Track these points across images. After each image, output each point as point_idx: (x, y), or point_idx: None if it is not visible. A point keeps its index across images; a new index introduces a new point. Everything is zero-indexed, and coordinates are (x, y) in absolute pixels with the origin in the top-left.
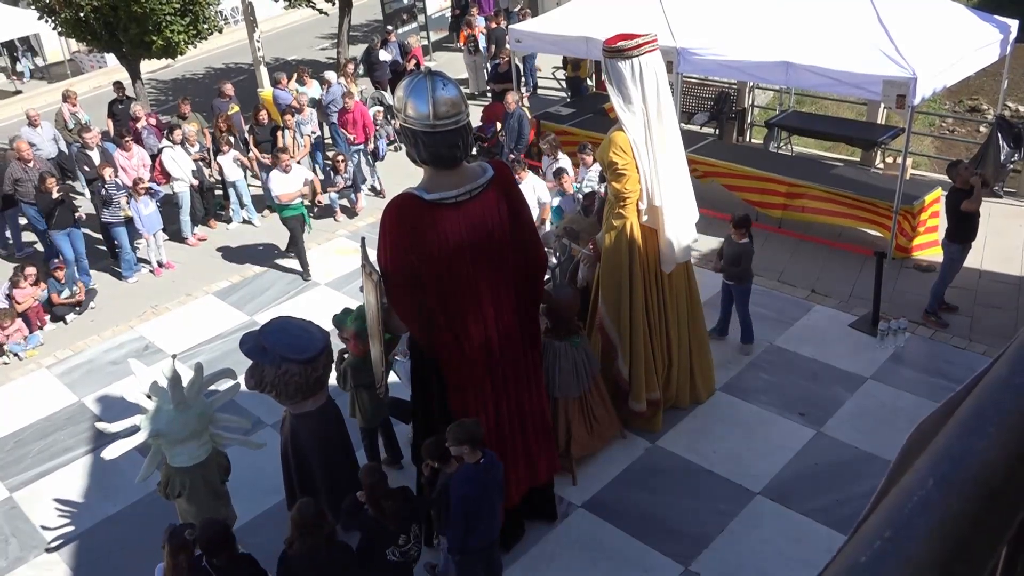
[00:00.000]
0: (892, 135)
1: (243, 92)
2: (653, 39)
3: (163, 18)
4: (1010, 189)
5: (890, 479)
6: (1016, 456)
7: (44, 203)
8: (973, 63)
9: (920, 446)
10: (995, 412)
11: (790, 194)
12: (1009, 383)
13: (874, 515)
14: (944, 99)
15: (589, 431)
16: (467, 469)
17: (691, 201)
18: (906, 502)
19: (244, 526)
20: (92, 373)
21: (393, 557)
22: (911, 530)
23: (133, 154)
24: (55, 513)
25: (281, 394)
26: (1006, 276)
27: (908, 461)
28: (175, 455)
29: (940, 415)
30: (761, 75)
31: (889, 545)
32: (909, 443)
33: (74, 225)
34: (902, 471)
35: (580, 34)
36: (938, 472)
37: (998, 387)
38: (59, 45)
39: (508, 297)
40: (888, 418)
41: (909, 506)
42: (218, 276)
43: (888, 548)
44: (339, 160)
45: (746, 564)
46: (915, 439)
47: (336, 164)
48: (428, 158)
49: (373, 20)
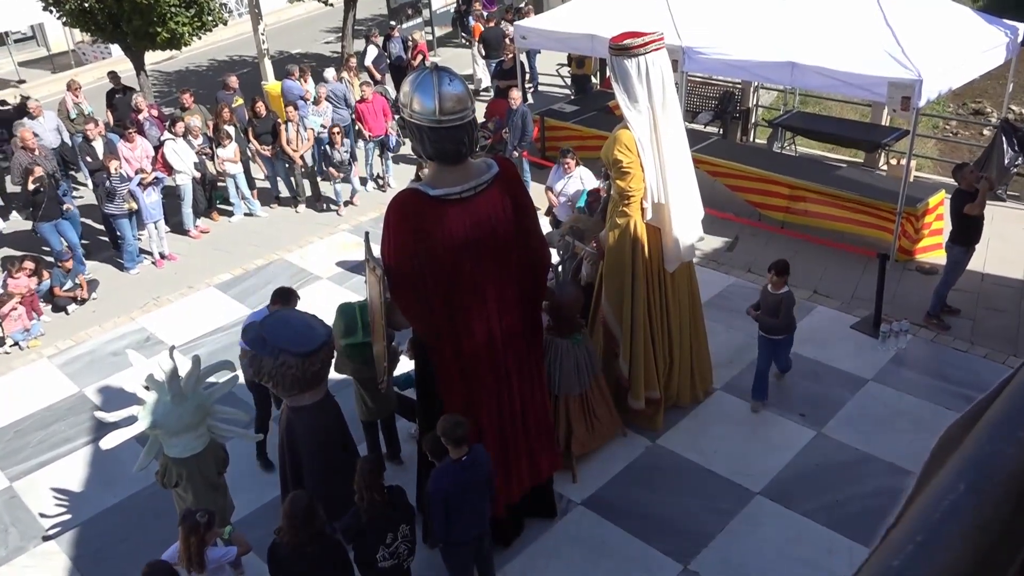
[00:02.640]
0: (896, 137)
1: (247, 85)
2: (660, 37)
3: (167, 10)
4: (1014, 192)
5: (919, 484)
6: None
7: (28, 195)
8: (978, 66)
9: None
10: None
11: (793, 196)
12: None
13: (905, 519)
14: (948, 101)
15: (590, 429)
16: (447, 465)
17: (696, 199)
18: (936, 507)
19: (244, 518)
20: (93, 364)
21: (384, 562)
22: (942, 535)
23: (136, 145)
24: (55, 503)
25: (278, 385)
26: (1009, 279)
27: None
28: (171, 446)
29: (967, 420)
30: (766, 75)
31: (921, 549)
32: (936, 448)
33: (62, 216)
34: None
35: (585, 31)
36: (968, 477)
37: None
38: (63, 35)
39: (511, 294)
40: (889, 420)
41: (940, 511)
42: (220, 268)
43: (920, 552)
44: (335, 132)
45: (746, 563)
46: (942, 444)
47: (332, 137)
48: (433, 154)
49: (378, 15)
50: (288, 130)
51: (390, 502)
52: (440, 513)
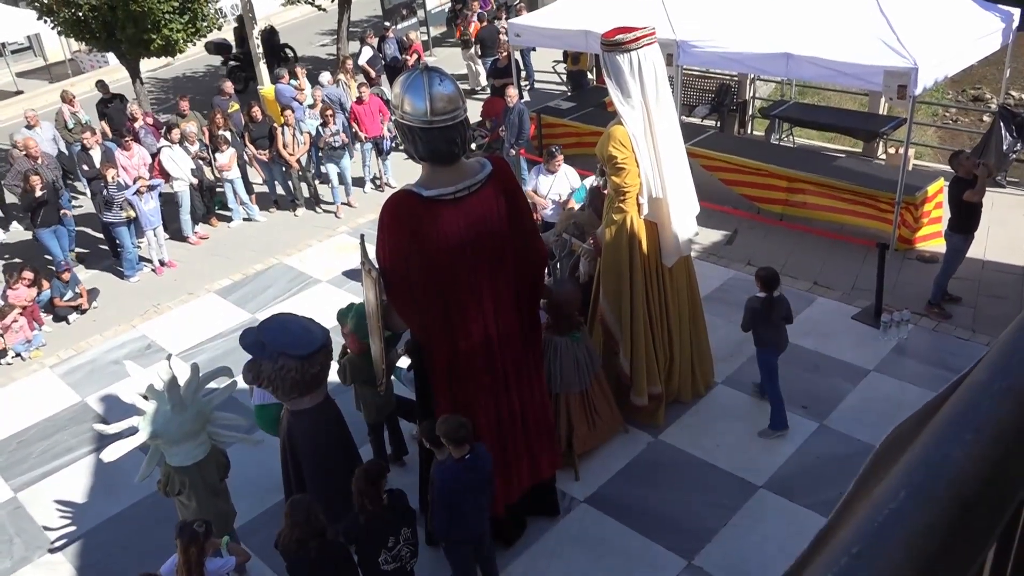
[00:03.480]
0: (894, 125)
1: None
2: (651, 32)
3: (161, 16)
4: (1013, 179)
5: (859, 484)
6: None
7: (27, 202)
8: (975, 52)
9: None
10: (974, 418)
11: (791, 189)
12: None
13: (843, 528)
14: (946, 88)
15: (591, 426)
16: (449, 464)
17: (692, 194)
18: (877, 515)
19: (246, 524)
20: (94, 373)
21: (387, 565)
22: (881, 545)
23: (134, 153)
24: (58, 513)
25: (278, 389)
26: (1009, 266)
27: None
28: (173, 455)
29: (917, 420)
30: (762, 67)
31: (856, 562)
32: (882, 447)
33: (60, 223)
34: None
35: (580, 27)
36: (912, 482)
37: (977, 392)
38: (60, 45)
39: (508, 293)
40: (891, 410)
41: (880, 519)
42: (220, 274)
43: (855, 565)
44: (328, 114)
45: (749, 558)
46: (889, 443)
47: (326, 118)
48: (426, 154)
49: (373, 16)
50: (284, 134)
51: (390, 506)
52: (443, 512)
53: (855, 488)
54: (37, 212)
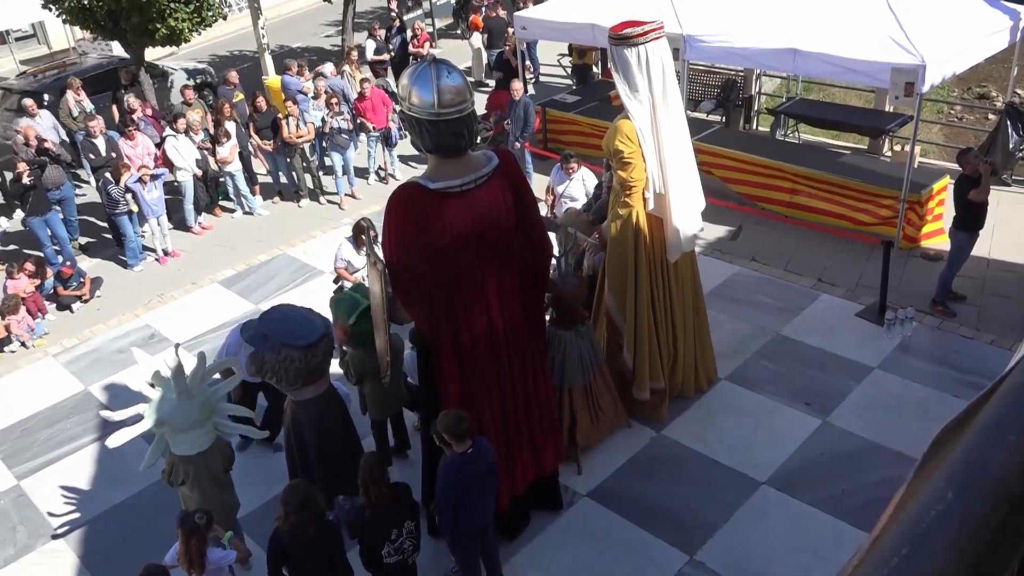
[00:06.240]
0: (900, 123)
1: (248, 80)
2: (660, 26)
3: (167, 6)
4: (1019, 177)
5: (909, 489)
6: None
7: (16, 190)
8: (982, 50)
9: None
10: (1015, 420)
11: (795, 189)
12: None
13: (892, 529)
14: (953, 86)
15: (594, 421)
16: (454, 458)
17: (698, 189)
18: (924, 516)
19: (250, 514)
20: (98, 362)
21: (389, 558)
22: (929, 546)
23: (138, 143)
24: (62, 501)
25: (282, 380)
26: (1014, 265)
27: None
28: (178, 443)
29: (958, 422)
30: (768, 62)
31: (907, 563)
32: (928, 452)
33: (52, 211)
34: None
35: (586, 21)
36: (956, 483)
37: (1018, 394)
38: (64, 33)
39: (513, 286)
40: (895, 408)
41: (927, 520)
42: (223, 264)
43: (906, 566)
44: (334, 102)
45: (751, 553)
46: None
47: (331, 106)
48: (433, 147)
49: (378, 7)
50: (288, 125)
51: (394, 498)
52: (448, 506)
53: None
54: (26, 198)
